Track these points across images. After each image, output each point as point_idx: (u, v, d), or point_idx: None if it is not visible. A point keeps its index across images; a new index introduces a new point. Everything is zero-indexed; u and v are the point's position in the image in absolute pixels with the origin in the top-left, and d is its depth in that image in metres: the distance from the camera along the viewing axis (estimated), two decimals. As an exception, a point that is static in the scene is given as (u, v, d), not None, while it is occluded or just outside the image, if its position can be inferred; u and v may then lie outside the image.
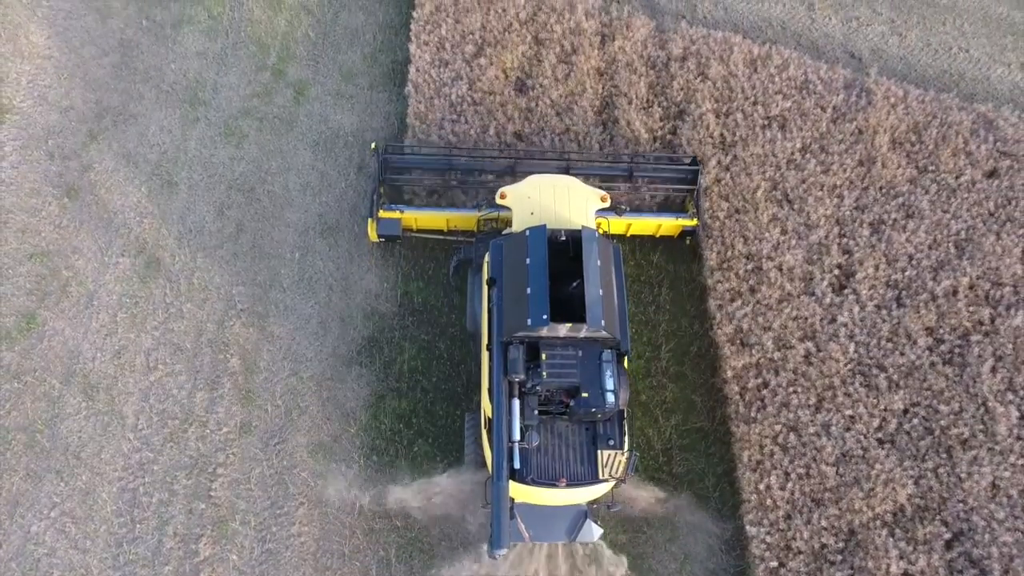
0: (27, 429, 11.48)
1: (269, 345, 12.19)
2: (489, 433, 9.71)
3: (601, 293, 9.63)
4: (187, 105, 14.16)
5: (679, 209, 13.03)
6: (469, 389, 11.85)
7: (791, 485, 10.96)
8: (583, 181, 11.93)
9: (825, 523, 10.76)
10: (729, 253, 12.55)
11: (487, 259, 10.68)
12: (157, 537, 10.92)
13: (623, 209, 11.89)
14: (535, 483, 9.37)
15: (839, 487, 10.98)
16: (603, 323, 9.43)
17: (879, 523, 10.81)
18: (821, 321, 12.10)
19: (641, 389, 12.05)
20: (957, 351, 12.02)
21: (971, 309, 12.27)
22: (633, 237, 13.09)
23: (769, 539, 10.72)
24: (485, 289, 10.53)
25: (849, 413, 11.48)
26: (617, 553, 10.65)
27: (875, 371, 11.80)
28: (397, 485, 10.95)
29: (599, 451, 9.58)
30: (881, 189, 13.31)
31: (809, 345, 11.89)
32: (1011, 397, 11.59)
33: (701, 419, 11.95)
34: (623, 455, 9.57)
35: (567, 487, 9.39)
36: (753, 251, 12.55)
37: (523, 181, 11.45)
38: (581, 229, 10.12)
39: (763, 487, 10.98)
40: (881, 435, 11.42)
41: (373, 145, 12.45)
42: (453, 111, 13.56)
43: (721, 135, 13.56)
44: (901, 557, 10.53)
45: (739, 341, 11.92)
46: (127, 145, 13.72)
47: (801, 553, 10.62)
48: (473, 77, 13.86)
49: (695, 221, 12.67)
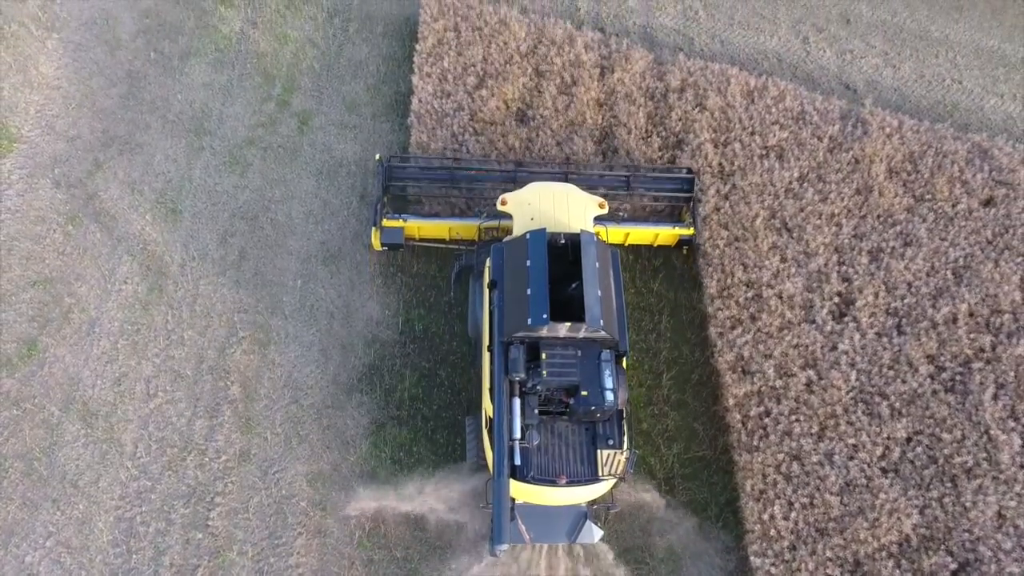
0: (25, 457, 11.40)
1: (270, 372, 12.17)
2: (490, 433, 9.76)
3: (600, 294, 9.81)
4: (192, 135, 14.37)
5: (676, 221, 13.24)
6: (471, 414, 11.78)
7: (795, 515, 10.85)
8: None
9: (830, 554, 10.62)
10: (729, 281, 12.62)
11: (488, 263, 10.89)
12: (153, 568, 10.76)
13: (621, 216, 12.15)
14: (535, 481, 9.45)
15: (843, 517, 10.87)
16: (602, 322, 9.59)
17: (885, 554, 10.68)
18: (822, 349, 12.10)
19: (643, 417, 12.00)
20: (958, 378, 12.00)
21: (971, 336, 12.29)
22: (634, 263, 13.17)
23: (774, 570, 10.57)
24: (486, 292, 10.68)
25: (852, 441, 11.42)
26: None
27: (877, 399, 11.77)
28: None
29: (599, 450, 9.69)
30: (879, 217, 13.43)
31: (810, 373, 11.88)
32: (1013, 425, 11.54)
33: (703, 448, 11.87)
34: (623, 454, 9.66)
35: (567, 486, 9.50)
36: (753, 279, 12.61)
37: (523, 188, 11.73)
38: (580, 232, 10.32)
39: (767, 517, 10.86)
40: (884, 464, 11.34)
41: (378, 156, 12.80)
42: (455, 140, 13.76)
43: (720, 164, 13.73)
44: (908, 589, 10.38)
45: (740, 369, 11.91)
46: (132, 173, 13.87)
47: (806, 585, 10.47)
48: (475, 108, 14.09)
49: (692, 230, 12.86)
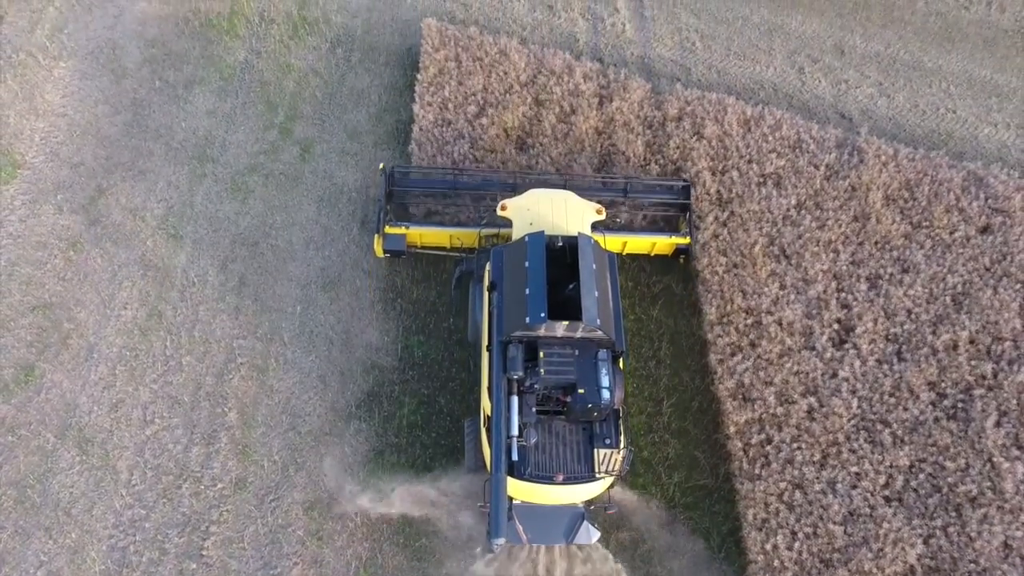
0: (18, 484, 11.27)
1: (268, 399, 12.10)
2: (489, 431, 9.86)
3: (597, 294, 10.04)
4: (195, 161, 14.50)
5: (672, 230, 13.42)
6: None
7: (798, 545, 10.70)
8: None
9: (835, 585, 10.46)
10: (728, 307, 12.62)
11: (488, 266, 11.14)
12: (145, 599, 10.58)
13: (618, 221, 12.57)
14: (533, 479, 9.57)
15: (848, 547, 10.71)
16: (599, 321, 9.79)
17: (890, 585, 10.51)
18: (822, 376, 12.06)
19: (643, 445, 11.90)
20: (960, 406, 11.94)
21: (973, 363, 12.26)
22: (633, 290, 13.20)
23: (778, 602, 10.39)
24: (486, 295, 10.90)
25: (855, 470, 11.31)
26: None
27: (879, 426, 11.70)
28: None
29: (596, 450, 9.83)
30: (876, 244, 13.49)
31: (811, 400, 11.82)
32: (1017, 453, 11.44)
33: (704, 476, 11.75)
34: (619, 454, 9.78)
35: (564, 483, 9.63)
36: (752, 306, 12.62)
37: (523, 194, 12.06)
38: (578, 235, 10.65)
39: (770, 547, 10.71)
40: (888, 492, 11.22)
41: (381, 165, 12.99)
42: (455, 168, 13.87)
43: (718, 192, 13.84)
44: (915, 622, 10.19)
45: (741, 396, 11.85)
46: (135, 200, 13.97)
47: (811, 617, 10.29)
48: (475, 136, 14.25)
49: (688, 239, 13.04)
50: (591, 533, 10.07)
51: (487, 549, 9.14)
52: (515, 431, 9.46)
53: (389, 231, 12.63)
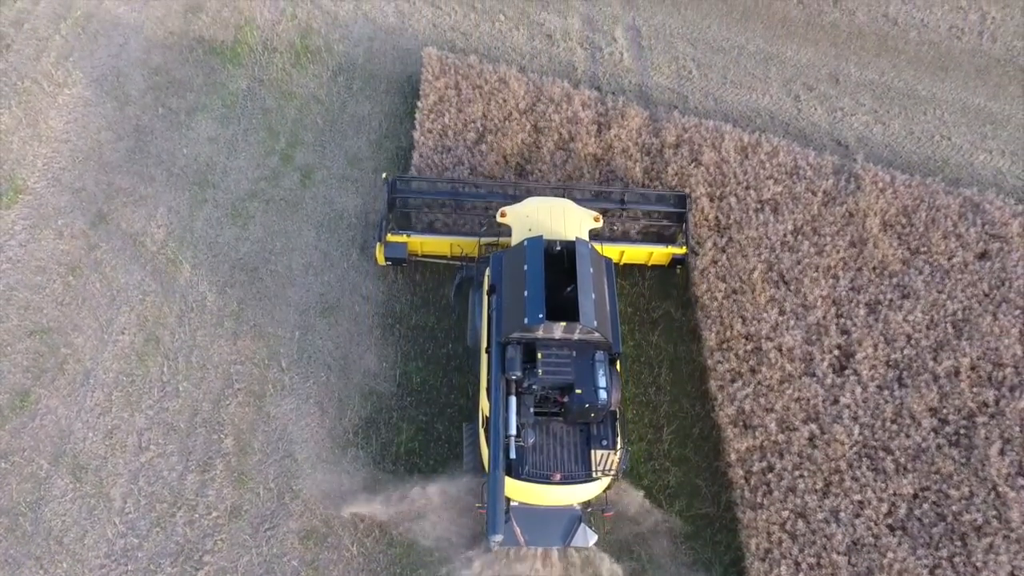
0: (10, 512, 11.11)
1: (264, 425, 11.99)
2: (487, 432, 9.89)
3: (594, 297, 10.26)
4: (196, 187, 14.58)
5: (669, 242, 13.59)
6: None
7: (802, 575, 10.53)
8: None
9: (840, 618, 10.25)
10: (728, 333, 12.59)
11: (488, 271, 11.37)
12: (136, 631, 10.35)
13: (615, 229, 12.99)
14: (530, 478, 9.65)
15: (852, 578, 10.53)
16: (596, 323, 9.97)
17: (896, 618, 10.31)
18: (824, 402, 11.98)
19: (643, 473, 11.77)
20: (963, 433, 11.84)
21: (974, 390, 12.19)
22: (632, 316, 13.17)
23: (782, 635, 10.18)
24: (486, 299, 11.09)
25: (858, 498, 11.18)
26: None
27: (881, 454, 11.59)
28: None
29: (593, 450, 9.92)
30: (875, 270, 13.51)
31: (813, 427, 11.73)
32: (1021, 482, 11.31)
33: (706, 505, 11.60)
34: (616, 454, 9.88)
35: (561, 484, 9.70)
36: (752, 332, 12.59)
37: (522, 202, 12.35)
38: (575, 240, 10.90)
39: (773, 578, 10.53)
40: (892, 521, 11.07)
41: (384, 174, 13.27)
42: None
43: (716, 218, 13.90)
44: (922, 656, 9.97)
45: (742, 423, 11.76)
46: (135, 225, 14.01)
47: (816, 651, 10.07)
48: (474, 162, 14.36)
49: (684, 249, 13.20)
50: (588, 536, 10.09)
51: (485, 547, 9.21)
52: (513, 430, 9.56)
53: (391, 239, 12.82)
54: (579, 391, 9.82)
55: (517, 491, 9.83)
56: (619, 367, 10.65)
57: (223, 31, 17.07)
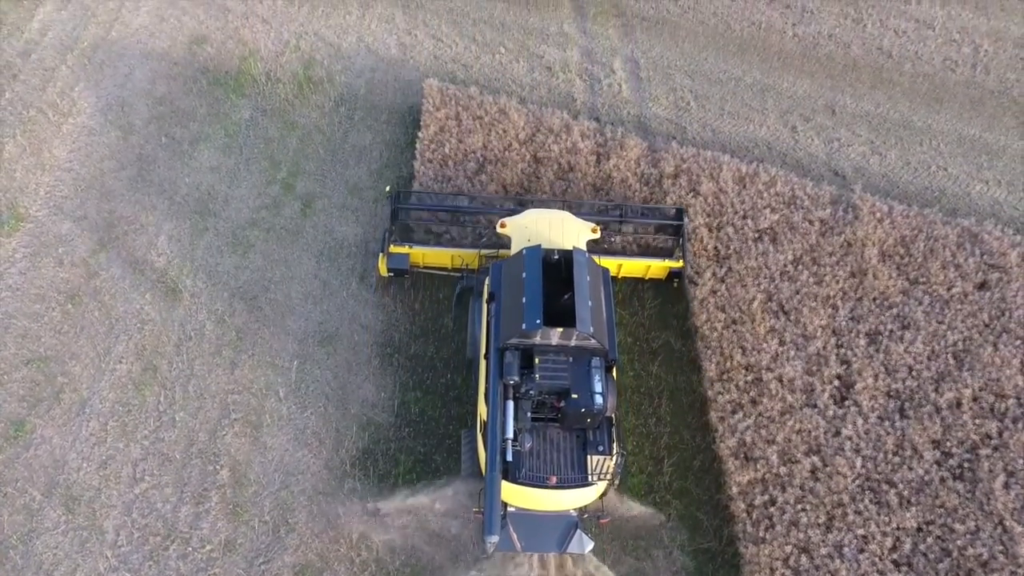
0: (1, 544, 10.93)
1: (261, 457, 11.87)
2: (484, 437, 10.02)
3: (591, 304, 10.50)
4: (197, 216, 14.65)
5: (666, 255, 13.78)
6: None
7: (806, 613, 10.32)
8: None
9: (845, 657, 10.03)
10: (728, 364, 12.54)
11: (488, 280, 11.63)
12: (126, 670, 10.12)
13: (612, 241, 13.39)
14: (527, 482, 9.80)
15: (857, 616, 10.34)
16: (592, 329, 10.18)
17: (903, 657, 10.08)
18: (825, 434, 11.88)
19: (645, 506, 11.60)
20: (967, 465, 11.72)
21: (977, 422, 12.10)
22: (632, 345, 13.13)
23: (786, 675, 9.95)
24: (485, 307, 11.34)
25: (861, 532, 11.01)
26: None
27: (884, 487, 11.45)
28: None
29: (589, 456, 10.08)
30: (874, 300, 13.51)
31: (815, 459, 11.61)
32: (1028, 516, 11.17)
33: (708, 539, 11.42)
34: (612, 460, 10.01)
35: (557, 487, 9.84)
36: (752, 362, 12.54)
37: (522, 214, 12.71)
38: (573, 249, 11.17)
39: (777, 615, 10.33)
40: (897, 556, 10.89)
41: (388, 188, 13.70)
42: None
43: (715, 248, 13.94)
44: None
45: (743, 455, 11.64)
46: (135, 253, 14.04)
47: None
48: (474, 192, 14.44)
49: (681, 263, 13.38)
50: (584, 542, 10.11)
51: (482, 550, 9.33)
52: (510, 434, 9.73)
53: (393, 250, 13.01)
54: (575, 396, 9.99)
55: (514, 495, 9.95)
56: (615, 374, 10.86)
57: (227, 62, 17.32)
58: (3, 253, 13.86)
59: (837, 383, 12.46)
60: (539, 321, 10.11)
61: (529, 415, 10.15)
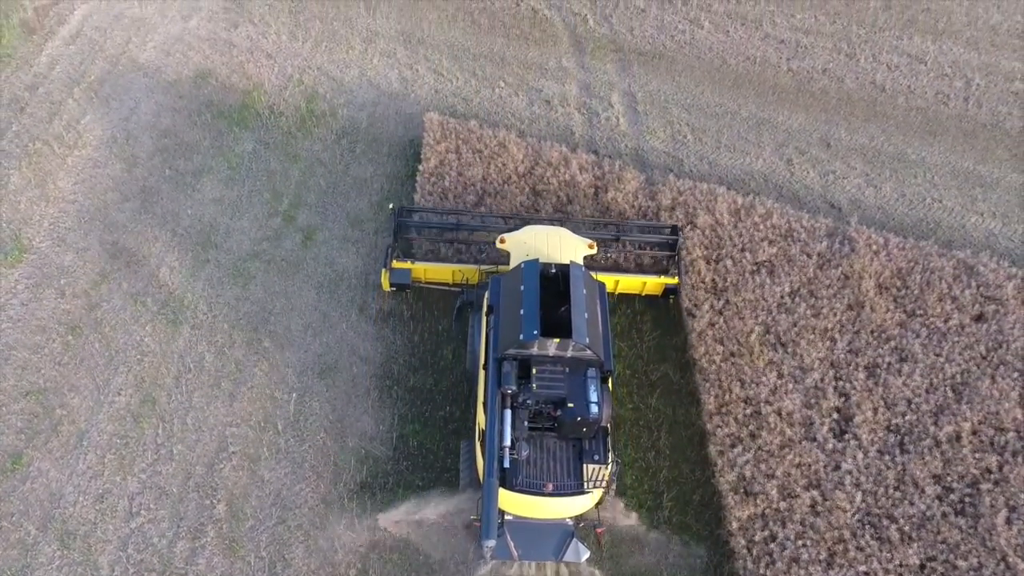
0: (-6, 582, 10.85)
1: (258, 490, 11.81)
2: (483, 445, 10.26)
3: (587, 316, 10.78)
4: (199, 248, 14.77)
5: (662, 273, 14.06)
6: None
7: (809, 653, 10.18)
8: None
9: None
10: (727, 397, 12.54)
11: (487, 293, 11.98)
12: None
13: (609, 256, 13.86)
14: (523, 489, 10.00)
15: (860, 655, 10.19)
16: (588, 340, 10.45)
17: None
18: (825, 468, 11.84)
19: (646, 542, 11.49)
20: (968, 500, 11.65)
21: (977, 456, 12.06)
22: (631, 378, 13.15)
23: None
24: (484, 319, 11.66)
25: (863, 569, 10.91)
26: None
27: (885, 522, 11.37)
28: None
29: (585, 465, 10.27)
30: (872, 332, 13.55)
31: (815, 494, 11.55)
32: (1031, 553, 11.08)
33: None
34: (607, 468, 10.22)
35: (554, 495, 10.00)
36: (751, 395, 12.54)
37: (520, 230, 13.08)
38: (570, 263, 11.52)
39: (778, 655, 10.18)
40: (900, 594, 10.78)
41: (391, 205, 14.01)
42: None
43: (713, 280, 14.03)
44: None
45: (743, 490, 11.59)
46: (137, 284, 14.13)
47: None
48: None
49: (676, 279, 13.69)
50: (580, 552, 10.30)
51: (481, 555, 9.45)
52: (507, 441, 9.98)
53: (396, 265, 13.39)
54: (571, 405, 10.23)
55: (511, 502, 10.13)
56: (611, 385, 11.10)
57: (231, 95, 17.62)
58: (5, 284, 13.95)
59: (836, 416, 12.45)
60: (536, 332, 10.41)
61: (526, 424, 10.41)
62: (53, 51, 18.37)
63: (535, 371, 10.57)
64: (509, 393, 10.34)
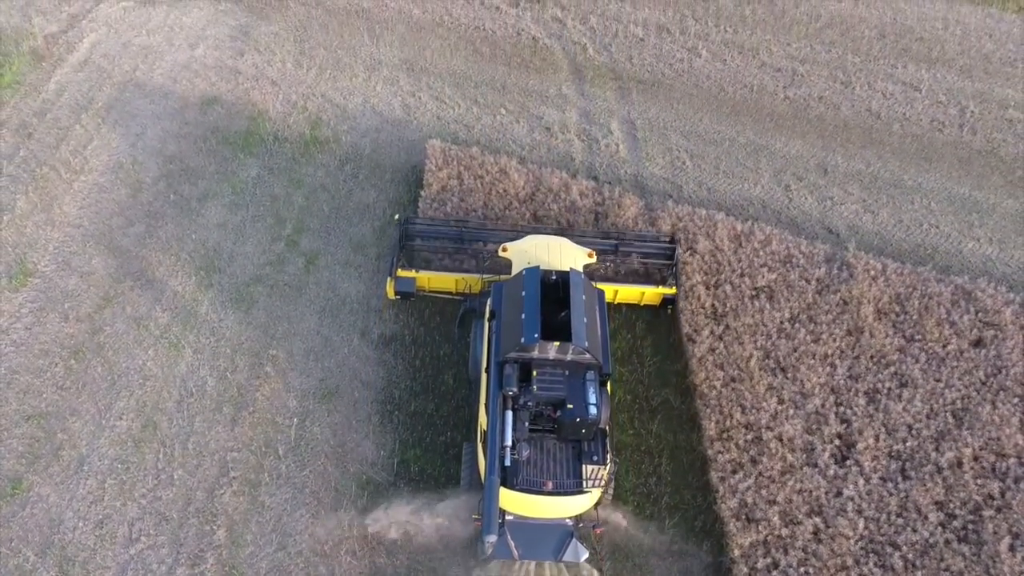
0: (-9, 609, 10.77)
1: (258, 516, 11.77)
2: (484, 445, 10.59)
3: (586, 320, 11.10)
4: (203, 272, 14.89)
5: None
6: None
7: None
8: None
9: None
10: (728, 423, 12.55)
11: (489, 300, 12.27)
12: None
13: (608, 265, 14.12)
14: (523, 488, 10.24)
15: None
16: (587, 343, 10.80)
17: None
18: (826, 494, 11.81)
19: (648, 570, 11.44)
20: (971, 527, 11.61)
21: (979, 482, 12.03)
22: (632, 403, 13.17)
23: None
24: (486, 325, 12.02)
25: (867, 598, 10.84)
26: None
27: (888, 549, 11.32)
28: None
29: (583, 465, 10.57)
30: (872, 358, 13.60)
31: (817, 521, 11.51)
32: (1035, 581, 11.02)
33: (710, 603, 11.25)
34: (605, 468, 10.53)
35: (553, 494, 10.28)
36: (752, 421, 12.56)
37: (522, 239, 13.55)
38: (569, 270, 11.87)
39: None
40: (904, 624, 10.69)
41: (396, 216, 14.61)
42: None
43: (712, 306, 14.12)
44: None
45: (744, 516, 11.54)
46: (140, 309, 14.22)
47: None
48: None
49: (674, 289, 14.03)
50: (579, 552, 10.45)
51: (482, 553, 9.66)
52: (508, 441, 10.30)
53: (401, 274, 13.80)
54: (571, 406, 10.53)
55: (511, 501, 10.34)
56: (609, 388, 11.48)
57: (237, 122, 17.88)
58: (10, 308, 14.04)
59: (838, 442, 12.44)
60: (537, 335, 10.73)
61: (527, 425, 10.68)
62: (62, 78, 18.69)
63: (536, 374, 10.89)
64: (510, 395, 10.66)
